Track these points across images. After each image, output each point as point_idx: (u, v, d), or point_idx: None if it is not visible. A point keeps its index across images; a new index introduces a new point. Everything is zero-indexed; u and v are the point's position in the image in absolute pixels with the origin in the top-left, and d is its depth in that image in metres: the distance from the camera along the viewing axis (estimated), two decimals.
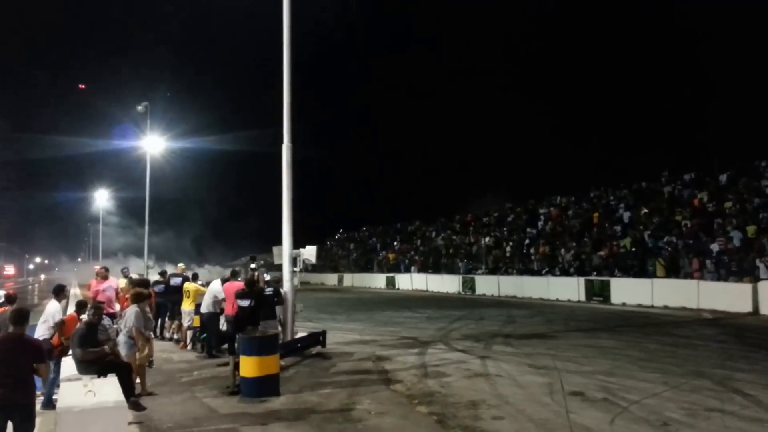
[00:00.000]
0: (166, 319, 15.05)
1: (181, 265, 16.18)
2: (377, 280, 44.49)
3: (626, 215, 30.33)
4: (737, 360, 11.06)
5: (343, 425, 6.98)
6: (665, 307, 21.53)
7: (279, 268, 12.64)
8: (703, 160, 33.65)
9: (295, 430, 6.84)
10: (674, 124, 55.45)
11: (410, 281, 40.12)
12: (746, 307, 18.92)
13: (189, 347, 13.40)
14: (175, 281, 14.72)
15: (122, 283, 13.59)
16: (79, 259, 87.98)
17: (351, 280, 48.98)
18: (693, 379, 9.27)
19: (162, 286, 14.74)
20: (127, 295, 11.16)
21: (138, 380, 8.45)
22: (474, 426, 6.83)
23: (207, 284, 13.75)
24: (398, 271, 43.36)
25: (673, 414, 7.22)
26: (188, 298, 13.67)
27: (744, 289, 19.38)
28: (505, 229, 39.46)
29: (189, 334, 13.60)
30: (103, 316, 8.49)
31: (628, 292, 23.81)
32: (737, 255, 21.20)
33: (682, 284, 21.84)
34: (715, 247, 22.31)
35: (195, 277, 14.86)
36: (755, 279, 19.48)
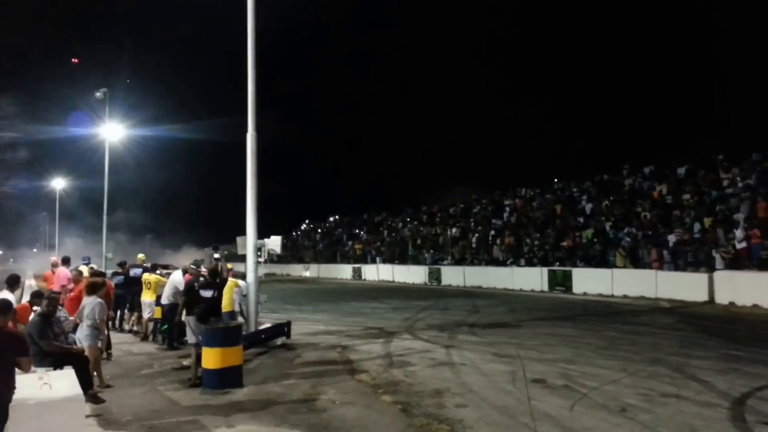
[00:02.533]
0: (126, 310, 14.78)
1: (140, 255, 15.85)
2: (343, 271, 44.45)
3: (588, 207, 30.87)
4: (693, 347, 11.37)
5: (307, 415, 6.96)
6: (625, 296, 22.02)
7: (243, 258, 12.50)
8: (662, 154, 34.46)
9: (259, 421, 6.79)
10: (634, 117, 56.57)
11: (376, 272, 40.19)
12: (702, 296, 19.46)
13: (150, 339, 13.19)
14: (135, 272, 14.43)
15: (85, 271, 13.26)
16: (35, 250, 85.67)
17: (317, 271, 48.83)
18: (650, 366, 9.49)
19: (121, 278, 14.46)
20: (70, 286, 10.90)
21: (95, 373, 8.27)
22: (438, 414, 6.88)
23: (168, 275, 13.50)
24: (365, 261, 43.38)
25: (630, 400, 7.38)
26: (149, 289, 13.41)
27: (700, 279, 19.91)
28: (470, 220, 39.77)
29: (150, 326, 13.38)
30: (59, 307, 8.29)
31: (590, 281, 24.28)
32: (694, 246, 21.76)
33: (641, 274, 22.36)
34: (672, 238, 22.86)
35: (155, 268, 14.60)
36: (711, 269, 20.03)
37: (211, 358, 8.21)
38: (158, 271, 14.31)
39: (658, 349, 11.17)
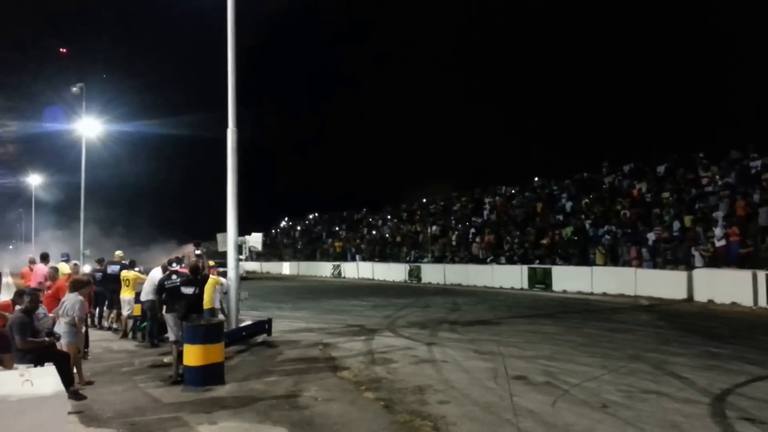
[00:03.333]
0: (105, 308, 14.58)
1: (118, 252, 15.59)
2: (323, 269, 44.35)
3: (568, 205, 31.10)
4: (672, 344, 11.50)
5: (289, 412, 6.91)
6: (604, 294, 22.23)
7: (223, 255, 12.39)
8: (642, 152, 34.82)
9: (241, 418, 6.73)
10: (614, 115, 57.13)
11: (356, 270, 40.16)
12: (681, 294, 19.69)
13: (129, 336, 13.03)
14: (113, 269, 14.23)
15: (65, 269, 13.03)
16: (11, 246, 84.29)
17: (297, 268, 48.66)
18: (630, 363, 9.58)
19: (99, 275, 14.25)
20: (47, 283, 10.71)
21: (75, 370, 8.15)
22: (420, 410, 6.87)
23: (147, 272, 13.32)
24: (344, 259, 43.32)
25: (611, 396, 7.44)
26: (127, 286, 13.23)
27: (679, 276, 20.15)
28: (451, 218, 39.87)
29: (129, 323, 13.21)
30: (40, 304, 8.17)
31: (569, 279, 24.48)
32: (672, 244, 22.02)
33: (621, 272, 22.59)
34: (652, 236, 23.11)
35: (132, 265, 14.39)
36: (690, 267, 20.28)
37: (193, 355, 8.13)
38: (137, 268, 14.13)
39: (637, 346, 11.28)
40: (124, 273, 13.51)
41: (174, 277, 9.80)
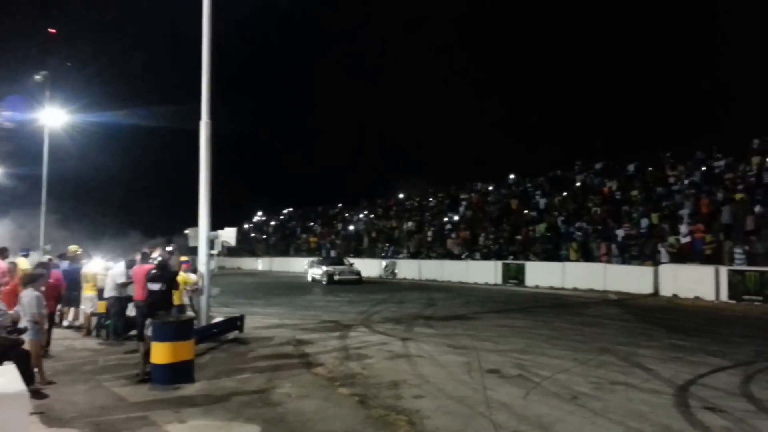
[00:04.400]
0: (62, 305, 14.10)
1: (73, 247, 14.94)
2: (297, 264, 44.12)
3: (542, 202, 31.45)
4: (639, 337, 11.74)
5: (262, 409, 6.86)
6: (575, 288, 22.55)
7: (195, 251, 12.20)
8: (612, 151, 35.37)
9: (211, 416, 6.66)
10: (586, 114, 57.84)
11: None
12: (648, 288, 20.09)
13: (93, 334, 12.69)
14: (66, 265, 13.77)
15: (24, 264, 12.65)
16: None
17: (270, 264, 48.35)
18: (600, 355, 9.74)
19: (59, 267, 13.79)
20: (4, 279, 10.44)
21: (36, 369, 7.94)
22: (395, 405, 6.89)
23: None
24: (319, 255, 43.15)
25: (581, 388, 7.55)
26: (88, 282, 12.93)
27: (646, 272, 20.55)
28: (426, 213, 40.00)
29: (93, 320, 12.86)
30: None
31: (542, 275, 24.77)
32: (640, 240, 22.43)
33: (591, 267, 22.94)
34: (621, 232, 23.51)
35: (91, 260, 13.96)
36: (656, 263, 20.69)
37: (161, 353, 8.00)
38: (97, 264, 13.69)
39: (606, 339, 11.47)
40: (84, 269, 13.16)
41: (154, 272, 9.65)
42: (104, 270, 13.06)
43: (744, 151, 25.25)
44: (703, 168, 25.89)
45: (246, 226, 65.07)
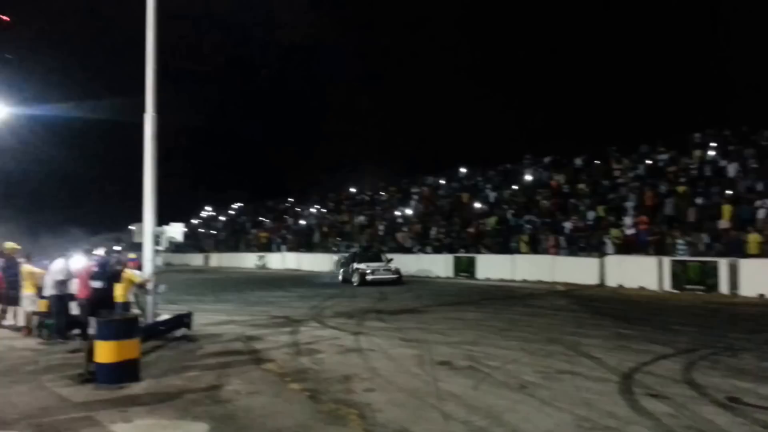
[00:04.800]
0: (3, 305, 13.55)
1: (9, 244, 14.24)
2: (247, 260, 43.57)
3: (492, 195, 31.89)
4: (586, 327, 12.04)
5: (211, 407, 6.73)
6: (525, 280, 22.96)
7: (140, 247, 11.85)
8: (561, 145, 36.16)
9: (158, 415, 6.50)
10: (535, 109, 58.87)
11: (282, 260, 39.68)
12: (594, 279, 20.61)
13: (35, 334, 12.21)
14: (7, 263, 13.20)
15: None
16: None
17: (219, 260, 47.61)
18: (547, 345, 9.95)
19: None
20: None
21: None
22: (346, 399, 6.86)
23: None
24: (269, 250, 42.70)
25: (530, 377, 7.69)
26: (26, 281, 12.45)
27: (592, 263, 21.09)
28: (378, 207, 40.05)
29: (34, 319, 12.37)
30: None
31: (492, 267, 25.12)
32: (587, 232, 23.02)
33: (540, 259, 23.40)
34: (568, 225, 24.06)
35: (29, 258, 13.44)
36: (602, 254, 21.25)
37: (106, 352, 7.76)
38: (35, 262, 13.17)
39: (554, 329, 11.73)
40: (23, 268, 12.66)
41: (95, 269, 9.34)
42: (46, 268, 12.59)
43: (686, 145, 26.20)
44: (648, 161, 26.74)
45: (194, 221, 63.75)
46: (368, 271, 24.03)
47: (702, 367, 8.27)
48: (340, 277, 26.17)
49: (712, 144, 25.18)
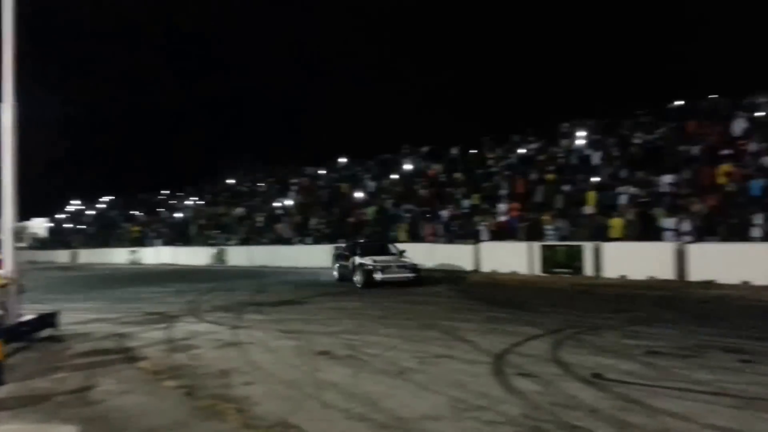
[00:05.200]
0: None
1: None
2: (119, 256, 41.42)
3: (372, 185, 32.35)
4: (461, 312, 12.64)
5: (80, 408, 6.41)
6: None
7: None
8: (438, 135, 37.37)
9: (23, 419, 6.10)
10: (411, 100, 60.28)
11: (156, 255, 38.11)
12: (470, 265, 21.56)
13: None
14: None
15: None
16: None
17: (88, 256, 44.88)
18: (425, 331, 10.34)
19: None
20: None
21: None
22: (224, 394, 6.78)
23: None
24: (143, 244, 40.83)
25: (408, 363, 7.95)
26: None
27: (467, 250, 22.04)
28: (256, 198, 39.40)
29: None
30: None
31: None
32: (463, 220, 24.00)
33: (418, 247, 24.01)
34: (445, 213, 24.96)
35: None
36: (477, 241, 22.27)
37: None
38: None
39: (431, 315, 12.19)
40: None
41: None
42: None
43: (554, 135, 27.85)
44: (519, 151, 28.20)
45: (60, 216, 59.48)
46: (377, 268, 18.46)
47: (569, 345, 8.89)
48: (336, 274, 21.21)
49: (579, 133, 26.56)
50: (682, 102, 25.78)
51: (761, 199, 16.80)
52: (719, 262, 15.66)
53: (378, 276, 18.20)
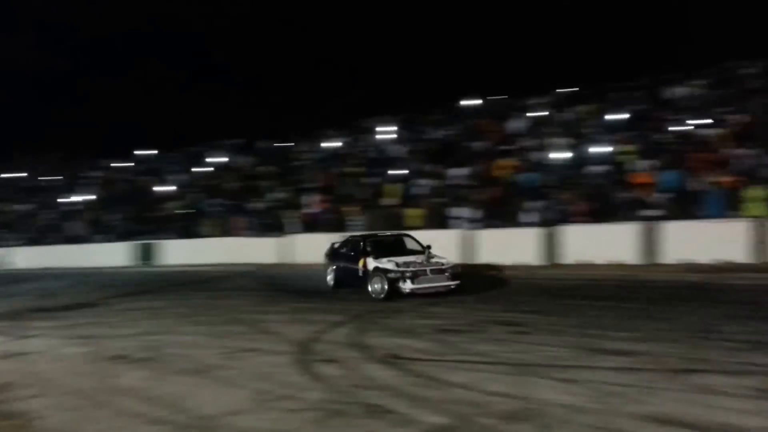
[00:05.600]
0: None
1: None
2: None
3: (177, 179, 31.05)
4: (267, 304, 12.81)
5: None
6: (212, 264, 22.97)
7: None
8: (246, 128, 36.85)
9: None
10: (220, 95, 58.65)
11: None
12: (277, 258, 21.78)
13: None
14: None
15: None
16: None
17: None
18: (230, 326, 10.27)
19: None
20: None
21: None
22: (4, 410, 6.13)
23: None
24: None
25: (212, 360, 7.82)
26: None
27: (275, 242, 22.26)
28: (46, 194, 35.81)
29: None
30: None
31: (177, 252, 24.66)
32: (273, 213, 24.09)
33: (226, 242, 23.75)
34: (255, 206, 24.87)
35: None
36: (285, 233, 22.57)
37: None
38: None
39: (237, 309, 12.15)
40: None
41: None
42: None
43: (357, 131, 28.85)
44: (326, 145, 28.82)
45: None
46: (407, 276, 12.66)
47: (369, 330, 9.35)
48: (331, 279, 15.35)
49: (381, 129, 27.55)
50: (472, 102, 27.80)
51: (534, 190, 18.94)
52: (500, 246, 17.59)
53: (407, 286, 12.65)
